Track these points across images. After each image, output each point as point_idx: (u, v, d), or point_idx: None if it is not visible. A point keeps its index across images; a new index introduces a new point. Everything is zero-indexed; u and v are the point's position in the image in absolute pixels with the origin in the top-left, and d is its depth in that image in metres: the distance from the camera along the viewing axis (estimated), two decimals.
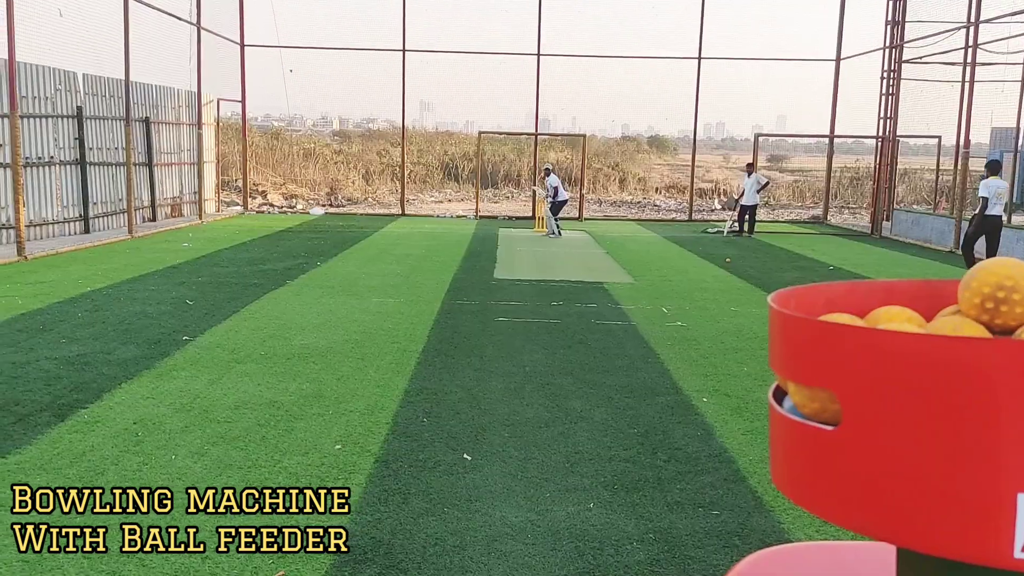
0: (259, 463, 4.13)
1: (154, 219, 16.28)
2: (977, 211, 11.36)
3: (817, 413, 0.83)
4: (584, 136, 22.20)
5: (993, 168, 11.31)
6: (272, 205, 22.79)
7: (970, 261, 11.17)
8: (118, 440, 4.39)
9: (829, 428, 0.79)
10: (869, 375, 0.74)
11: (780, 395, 0.93)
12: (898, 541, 0.75)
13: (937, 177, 22.03)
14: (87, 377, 5.53)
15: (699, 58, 20.17)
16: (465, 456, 4.33)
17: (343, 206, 23.98)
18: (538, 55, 20.08)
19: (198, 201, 17.81)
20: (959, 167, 15.92)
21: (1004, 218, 12.06)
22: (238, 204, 21.45)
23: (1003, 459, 0.69)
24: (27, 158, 12.44)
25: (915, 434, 0.72)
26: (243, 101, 20.39)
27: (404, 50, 19.91)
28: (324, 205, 23.51)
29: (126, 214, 14.24)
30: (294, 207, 22.59)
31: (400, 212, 21.09)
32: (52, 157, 13.10)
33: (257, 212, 20.57)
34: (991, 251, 11.18)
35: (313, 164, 28.96)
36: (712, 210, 24.58)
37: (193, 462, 4.12)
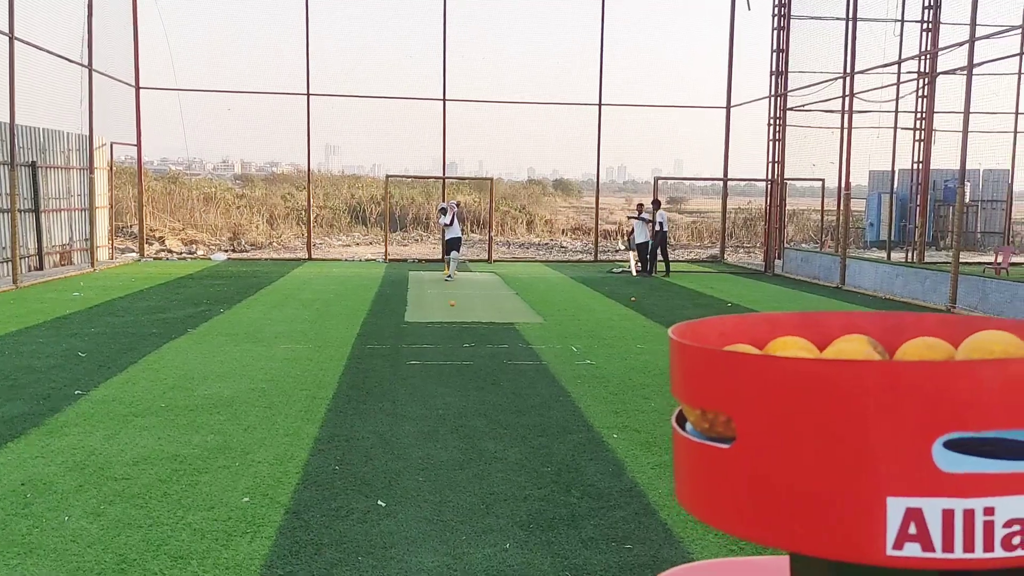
0: (161, 520, 3.96)
1: (41, 268, 15.48)
2: (656, 230, 17.25)
3: (707, 429, 0.90)
4: (491, 179, 22.48)
5: (656, 205, 17.45)
6: (171, 251, 22.05)
7: (647, 259, 17.39)
8: (4, 503, 4.13)
9: (724, 446, 0.85)
10: (758, 396, 0.81)
11: (682, 419, 1.00)
12: (787, 546, 0.82)
13: (822, 217, 23.30)
14: None
15: (599, 104, 20.84)
16: (379, 503, 4.27)
17: (246, 251, 23.42)
18: (444, 100, 20.32)
19: (90, 248, 17.07)
20: (842, 208, 16.90)
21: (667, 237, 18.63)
22: (134, 251, 20.67)
23: (874, 467, 0.77)
24: None
25: (799, 448, 0.80)
26: (138, 145, 19.78)
27: (308, 94, 19.80)
28: (226, 250, 22.90)
29: (10, 263, 13.51)
30: (194, 253, 21.91)
31: (307, 256, 20.75)
32: None
33: (155, 259, 19.85)
34: (664, 254, 17.46)
35: (214, 209, 28.25)
36: (616, 250, 25.21)
37: (89, 523, 3.91)
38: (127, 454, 4.94)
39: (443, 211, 16.45)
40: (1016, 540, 0.76)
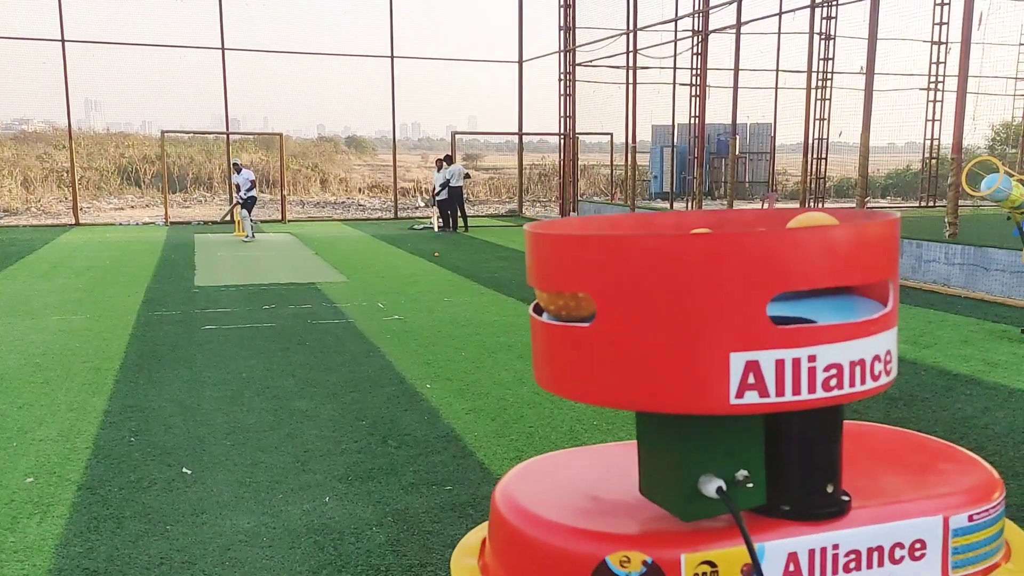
0: None
1: None
2: (445, 186, 17.23)
3: (562, 311, 0.95)
4: (281, 135, 21.50)
5: (448, 160, 17.46)
6: None
7: (448, 215, 17.52)
8: None
9: (585, 325, 0.90)
10: (613, 274, 0.87)
11: (538, 311, 1.04)
12: (644, 407, 0.89)
13: (612, 171, 24.53)
14: None
15: (392, 57, 20.47)
16: (184, 471, 4.02)
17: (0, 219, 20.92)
18: (223, 49, 19.07)
19: None
20: (629, 161, 17.88)
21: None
22: None
23: (717, 327, 0.85)
24: None
25: (651, 317, 0.86)
26: None
27: (64, 40, 17.82)
28: None
29: None
30: None
31: (74, 222, 18.89)
32: None
33: None
34: (462, 210, 17.56)
35: None
36: (416, 207, 25.14)
37: None
38: None
39: (236, 168, 15.59)
40: (833, 382, 0.88)
